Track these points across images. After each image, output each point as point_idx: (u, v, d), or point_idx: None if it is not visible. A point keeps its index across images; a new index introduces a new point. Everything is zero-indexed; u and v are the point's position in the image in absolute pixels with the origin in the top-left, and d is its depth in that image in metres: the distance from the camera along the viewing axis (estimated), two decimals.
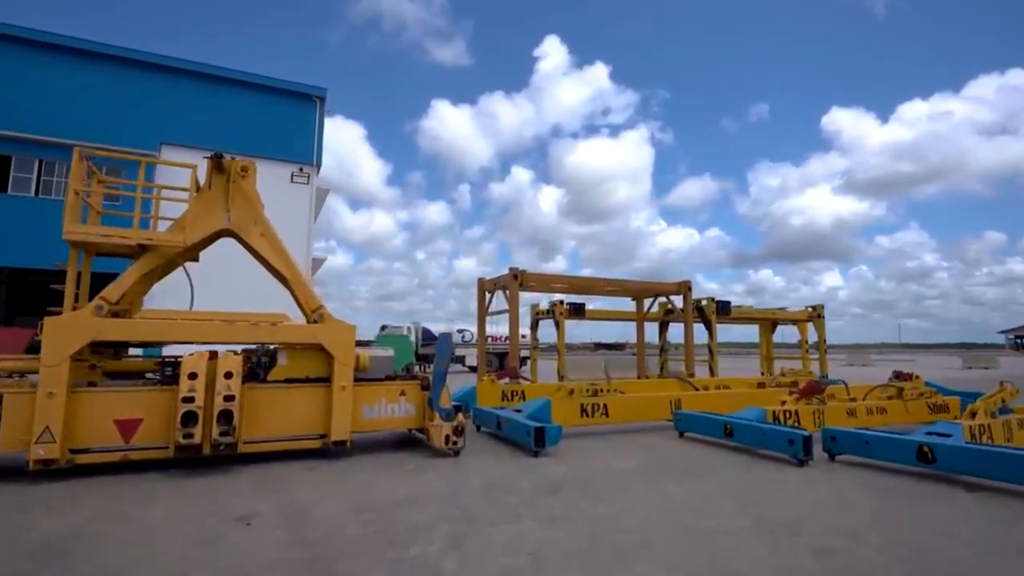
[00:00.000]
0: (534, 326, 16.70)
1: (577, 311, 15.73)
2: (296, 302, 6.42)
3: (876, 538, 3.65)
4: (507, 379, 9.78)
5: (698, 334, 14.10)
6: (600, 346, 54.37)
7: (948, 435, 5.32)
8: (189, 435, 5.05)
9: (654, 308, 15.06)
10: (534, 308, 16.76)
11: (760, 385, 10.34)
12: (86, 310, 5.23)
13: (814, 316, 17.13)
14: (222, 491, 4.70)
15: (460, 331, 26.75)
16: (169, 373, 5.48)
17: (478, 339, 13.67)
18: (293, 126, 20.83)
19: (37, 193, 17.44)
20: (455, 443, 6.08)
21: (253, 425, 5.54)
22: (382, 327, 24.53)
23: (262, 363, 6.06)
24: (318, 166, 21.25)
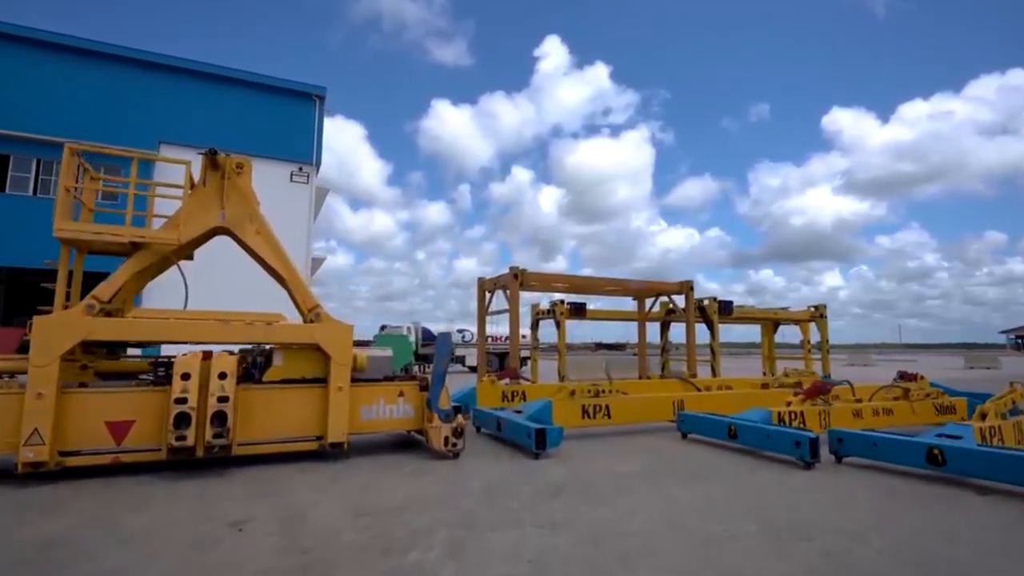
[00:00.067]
0: (535, 326, 16.58)
1: (578, 311, 15.61)
2: (293, 301, 6.31)
3: (887, 544, 3.53)
4: (507, 379, 9.66)
5: (699, 334, 14.02)
6: (601, 346, 54.23)
7: (958, 437, 5.20)
8: (182, 437, 4.94)
9: (655, 308, 14.95)
10: (534, 308, 16.63)
11: (764, 386, 10.22)
12: (77, 309, 5.12)
13: (816, 316, 17.04)
14: (216, 495, 4.59)
15: (460, 331, 26.62)
16: (162, 374, 5.37)
17: (478, 339, 13.55)
18: (292, 125, 20.73)
19: (35, 192, 17.37)
20: (454, 445, 5.97)
21: (248, 427, 5.43)
22: (382, 327, 24.42)
23: (257, 363, 5.94)
24: (318, 165, 21.15)
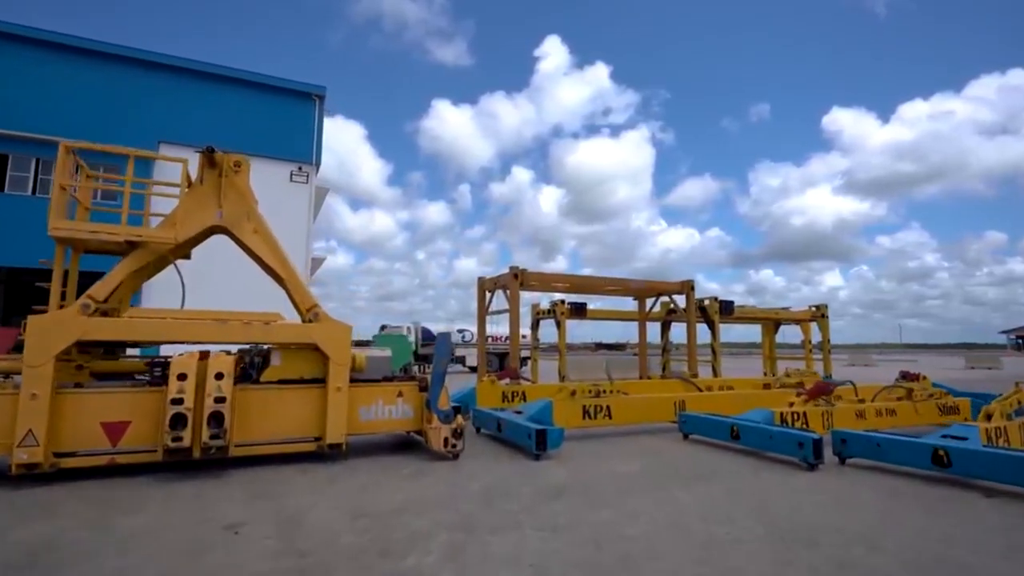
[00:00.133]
0: (535, 326, 16.51)
1: (578, 311, 15.54)
2: (291, 301, 6.25)
3: (895, 547, 3.47)
4: (507, 380, 9.60)
5: (700, 334, 13.95)
6: (601, 346, 54.16)
7: (964, 438, 5.13)
8: (178, 438, 4.88)
9: (656, 308, 14.88)
10: (535, 308, 16.56)
11: (765, 386, 10.16)
12: (72, 309, 5.05)
13: (818, 316, 16.97)
14: (212, 497, 4.53)
15: (460, 331, 26.54)
16: (158, 374, 5.30)
17: (478, 339, 13.48)
18: (292, 125, 20.67)
19: (34, 192, 17.31)
20: (454, 446, 5.91)
21: (245, 428, 5.37)
22: (381, 327, 24.36)
23: (255, 363, 5.88)
24: (317, 165, 21.09)
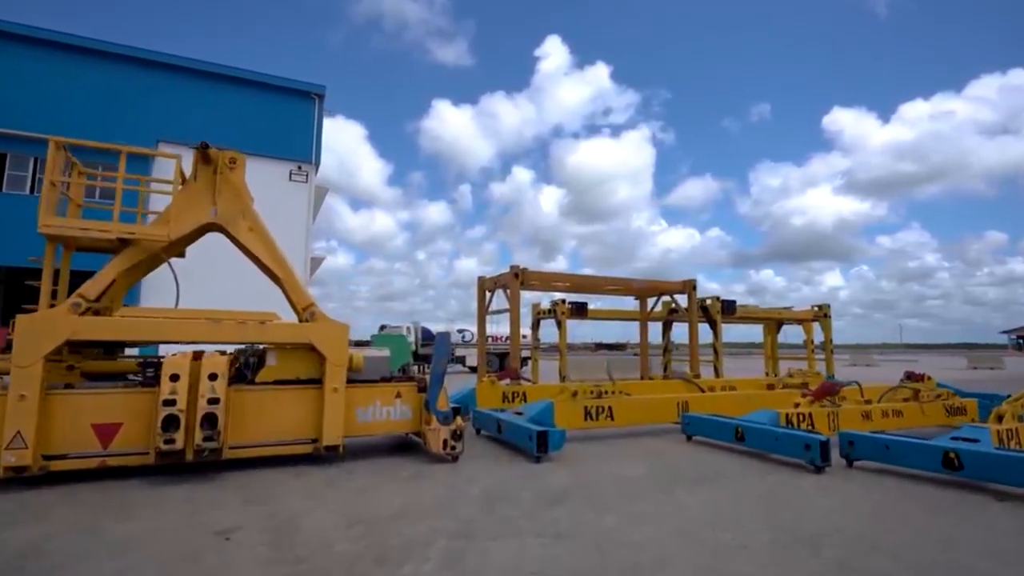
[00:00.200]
0: (535, 326, 16.38)
1: (579, 310, 15.41)
2: (288, 300, 6.14)
3: (906, 553, 3.35)
4: (508, 380, 9.49)
5: (701, 334, 13.83)
6: (601, 346, 54.03)
7: (975, 440, 5.01)
8: (170, 440, 4.76)
9: (657, 307, 14.76)
10: (535, 307, 16.44)
11: (769, 387, 10.04)
12: (62, 308, 4.94)
13: (820, 316, 16.85)
14: (205, 501, 4.42)
15: (460, 331, 26.42)
16: (151, 374, 5.19)
17: (478, 339, 13.36)
18: (291, 124, 20.53)
19: (33, 191, 17.18)
20: (453, 448, 5.79)
21: (240, 429, 5.25)
22: (381, 327, 24.26)
23: (250, 364, 5.76)
24: (317, 164, 20.96)
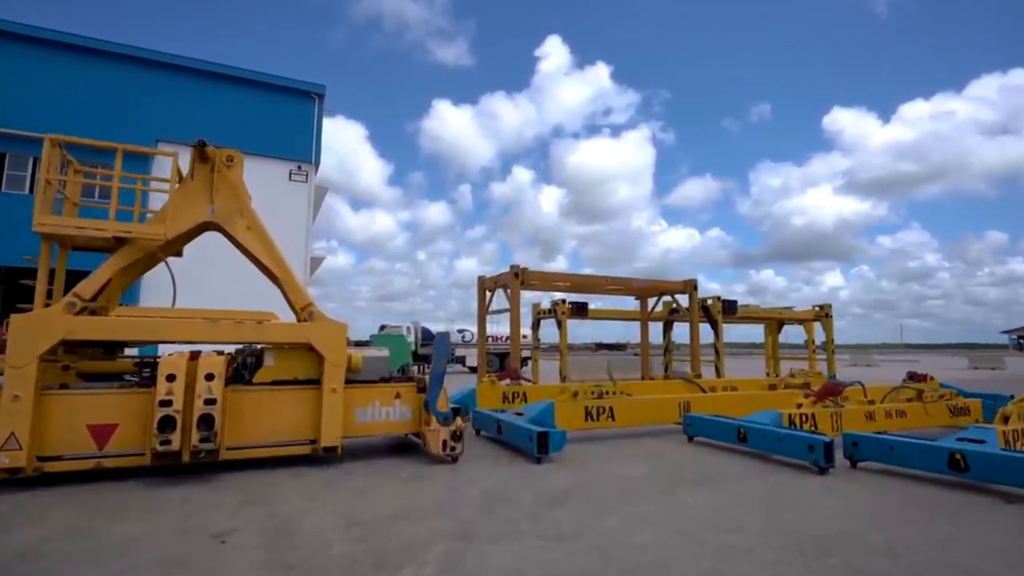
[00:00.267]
0: (536, 326, 16.32)
1: (580, 310, 15.34)
2: (286, 300, 6.08)
3: (913, 556, 3.30)
4: (508, 380, 9.43)
5: (702, 334, 13.74)
6: (601, 346, 53.97)
7: (982, 441, 4.96)
8: (167, 441, 4.70)
9: (658, 307, 14.70)
10: (536, 307, 16.38)
11: (771, 387, 9.98)
12: (57, 307, 4.88)
13: (821, 315, 16.79)
14: (201, 503, 4.36)
15: (460, 331, 26.35)
16: (147, 375, 5.13)
17: (478, 339, 13.30)
18: (291, 123, 20.48)
19: (32, 191, 17.14)
20: (453, 449, 5.74)
21: (237, 430, 5.19)
22: (381, 327, 24.20)
23: (248, 364, 5.71)
24: (317, 164, 20.90)
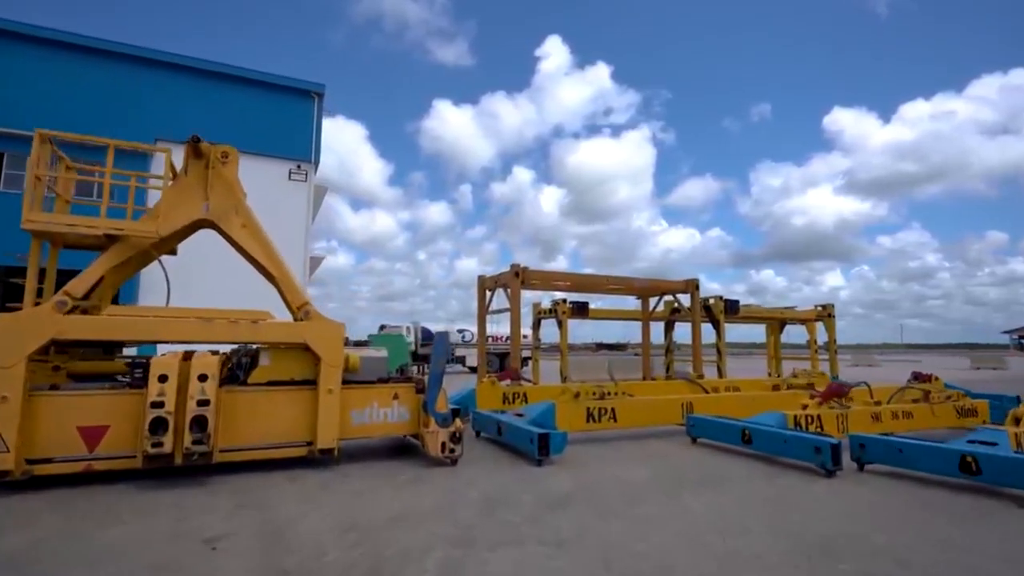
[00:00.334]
0: (536, 325, 16.21)
1: (580, 310, 15.23)
2: (283, 299, 5.97)
3: (925, 563, 3.18)
4: (508, 381, 9.31)
5: (704, 334, 13.62)
6: (601, 346, 53.86)
7: (993, 444, 4.84)
8: (158, 444, 4.59)
9: (659, 307, 14.58)
10: (536, 307, 16.27)
11: (774, 387, 9.86)
12: (46, 306, 4.77)
13: (824, 315, 16.66)
14: (194, 506, 4.25)
15: (460, 331, 26.23)
16: (139, 375, 5.02)
17: (478, 339, 13.19)
18: (290, 122, 20.34)
19: None
20: (452, 451, 5.62)
21: (231, 432, 5.08)
22: (381, 327, 24.09)
23: (243, 364, 5.60)
24: (316, 163, 20.78)
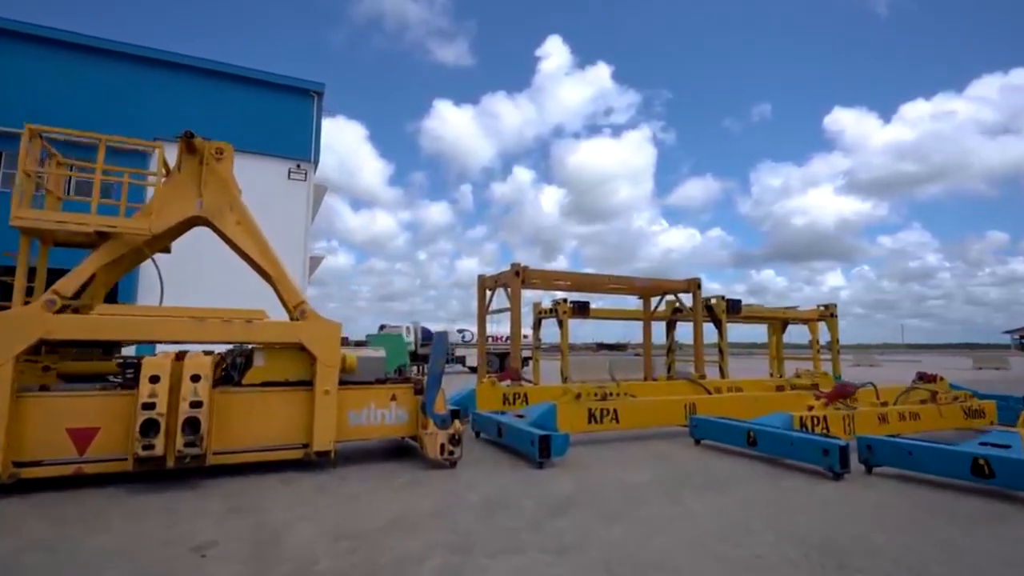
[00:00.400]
0: (536, 325, 16.08)
1: (581, 310, 15.09)
2: (279, 298, 5.86)
3: (940, 570, 3.06)
4: (508, 381, 9.20)
5: (706, 334, 13.50)
6: (602, 346, 53.75)
7: (1007, 446, 4.72)
8: (149, 446, 4.47)
9: (661, 307, 14.46)
10: (536, 307, 16.14)
11: (778, 388, 9.74)
12: (35, 305, 4.66)
13: (826, 315, 16.52)
14: (185, 511, 4.13)
15: (460, 331, 26.12)
16: (130, 376, 4.90)
17: (478, 339, 13.07)
18: (290, 122, 20.24)
19: None
20: (451, 453, 5.51)
21: (225, 434, 4.96)
22: (380, 327, 23.99)
23: (237, 364, 5.48)
24: (316, 163, 20.68)
